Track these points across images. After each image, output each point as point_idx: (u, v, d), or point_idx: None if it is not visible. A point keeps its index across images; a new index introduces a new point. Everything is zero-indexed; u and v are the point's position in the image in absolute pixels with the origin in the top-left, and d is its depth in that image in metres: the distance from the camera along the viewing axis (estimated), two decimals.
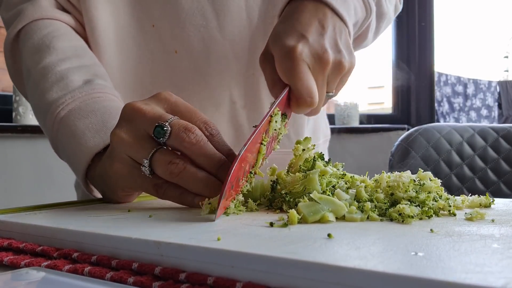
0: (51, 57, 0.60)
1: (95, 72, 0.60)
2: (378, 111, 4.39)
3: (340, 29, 0.53)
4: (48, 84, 0.58)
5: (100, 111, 0.55)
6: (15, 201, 1.63)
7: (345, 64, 0.51)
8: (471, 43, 8.66)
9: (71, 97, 0.56)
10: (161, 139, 0.44)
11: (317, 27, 0.51)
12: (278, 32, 0.51)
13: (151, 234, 0.31)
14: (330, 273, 0.23)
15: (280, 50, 0.49)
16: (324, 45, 0.50)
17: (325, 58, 0.49)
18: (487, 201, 0.46)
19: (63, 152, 0.56)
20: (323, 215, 0.37)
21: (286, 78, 0.48)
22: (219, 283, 0.26)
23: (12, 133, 1.65)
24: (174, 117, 0.45)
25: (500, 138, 1.43)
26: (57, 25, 0.64)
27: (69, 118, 0.55)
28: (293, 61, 0.48)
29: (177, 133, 0.44)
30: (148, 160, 0.45)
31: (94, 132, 0.52)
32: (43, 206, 0.49)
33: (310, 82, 0.48)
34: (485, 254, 0.26)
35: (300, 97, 0.48)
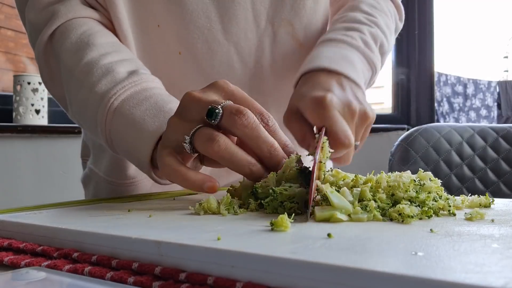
0: (93, 53, 0.60)
1: (136, 63, 0.61)
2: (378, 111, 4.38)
3: (357, 88, 0.59)
4: (95, 78, 0.58)
5: (152, 98, 0.56)
6: (15, 201, 1.63)
7: (369, 114, 0.56)
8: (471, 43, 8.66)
9: (121, 87, 0.56)
10: (213, 121, 0.46)
11: (336, 86, 0.56)
12: (303, 91, 0.55)
13: (151, 234, 0.31)
14: (330, 273, 0.23)
15: (310, 101, 0.52)
16: (349, 97, 0.55)
17: (353, 107, 0.54)
18: (487, 201, 0.46)
19: (121, 142, 0.56)
20: (333, 214, 0.37)
21: (321, 122, 0.51)
22: (219, 283, 0.26)
23: (12, 133, 1.65)
24: (228, 101, 0.47)
25: (500, 138, 1.43)
26: (90, 23, 0.65)
27: (123, 107, 0.55)
28: (325, 107, 0.51)
29: (229, 115, 0.45)
30: (190, 136, 0.46)
31: (153, 117, 0.53)
32: (43, 206, 0.49)
33: (345, 124, 0.52)
34: (484, 254, 0.26)
35: (337, 138, 0.50)
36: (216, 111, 0.46)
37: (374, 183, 0.43)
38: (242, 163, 0.45)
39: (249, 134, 0.45)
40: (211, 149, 0.45)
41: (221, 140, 0.45)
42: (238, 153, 0.45)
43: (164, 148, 0.48)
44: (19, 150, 1.68)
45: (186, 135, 0.46)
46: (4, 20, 2.16)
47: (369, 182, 0.44)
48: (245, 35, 0.69)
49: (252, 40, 0.70)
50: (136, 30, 0.67)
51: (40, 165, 1.70)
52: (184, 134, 0.46)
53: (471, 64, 7.78)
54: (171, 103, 0.55)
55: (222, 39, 0.68)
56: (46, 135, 1.70)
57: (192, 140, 0.46)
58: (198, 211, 0.42)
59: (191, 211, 0.43)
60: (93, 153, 0.79)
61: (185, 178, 0.46)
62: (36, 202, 0.51)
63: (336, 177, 0.46)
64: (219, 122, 0.46)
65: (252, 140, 0.45)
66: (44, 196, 1.67)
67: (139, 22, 0.67)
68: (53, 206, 0.49)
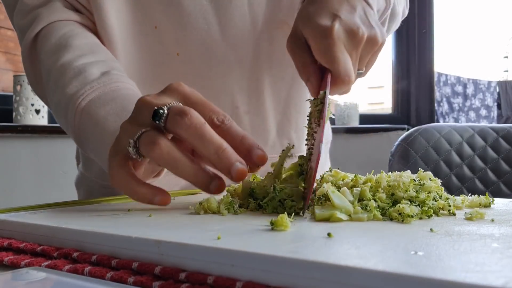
0: (69, 55, 0.61)
1: (111, 65, 0.61)
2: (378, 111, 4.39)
3: (368, 10, 0.54)
4: (67, 80, 0.58)
5: (119, 98, 0.55)
6: (15, 201, 1.63)
7: (378, 39, 0.52)
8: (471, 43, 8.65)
9: (90, 88, 0.56)
10: (157, 122, 0.43)
11: (347, 7, 0.52)
12: (308, 13, 0.51)
13: (151, 233, 0.31)
14: (330, 272, 0.23)
15: (315, 31, 0.49)
16: (357, 21, 0.50)
17: (360, 34, 0.50)
18: (487, 201, 0.46)
19: (87, 143, 0.56)
20: (333, 214, 0.37)
21: (324, 59, 0.48)
22: (219, 282, 0.26)
23: (12, 133, 1.65)
24: (176, 103, 0.44)
25: (500, 138, 1.43)
26: (72, 25, 0.65)
27: (90, 108, 0.55)
28: (330, 41, 0.47)
29: (173, 116, 0.43)
30: (134, 140, 0.43)
31: (115, 116, 0.53)
32: (43, 206, 0.49)
33: (348, 62, 0.48)
34: (484, 253, 0.26)
35: (338, 77, 0.47)
36: (160, 112, 0.43)
37: (374, 183, 0.43)
38: (186, 168, 0.42)
39: (192, 134, 0.42)
40: (153, 153, 0.42)
41: (163, 143, 0.42)
42: (181, 158, 0.42)
43: (114, 155, 0.46)
44: (19, 150, 1.68)
45: (131, 139, 0.43)
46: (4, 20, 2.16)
47: (369, 182, 0.44)
48: (242, 37, 0.69)
49: (249, 42, 0.70)
50: (133, 31, 0.67)
51: (40, 165, 1.70)
52: (130, 139, 0.44)
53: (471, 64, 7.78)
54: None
55: (219, 40, 0.68)
56: (46, 135, 1.70)
57: (137, 144, 0.43)
58: (198, 210, 0.42)
59: (191, 210, 0.43)
60: (82, 157, 0.79)
61: (133, 192, 0.43)
62: (36, 202, 0.51)
63: (335, 177, 0.46)
64: (165, 124, 0.43)
65: (196, 141, 0.42)
66: (44, 196, 1.67)
67: (136, 24, 0.67)
68: (53, 206, 0.49)
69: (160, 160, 0.42)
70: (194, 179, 0.43)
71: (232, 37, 0.68)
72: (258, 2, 0.68)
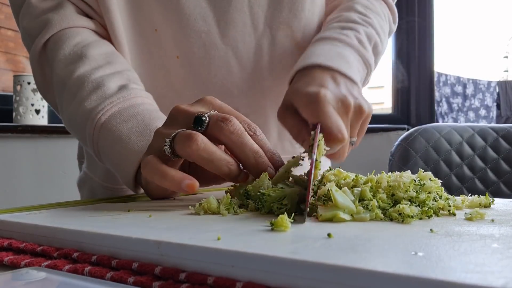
0: (85, 67, 0.61)
1: (128, 77, 0.61)
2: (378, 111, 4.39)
3: (351, 85, 0.58)
4: (86, 93, 0.58)
5: (140, 115, 0.56)
6: (15, 201, 1.63)
7: (364, 108, 0.56)
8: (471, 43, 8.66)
9: (109, 103, 0.57)
10: (200, 128, 0.46)
11: (331, 82, 0.56)
12: (298, 87, 0.55)
13: (151, 234, 0.31)
14: (330, 272, 0.23)
15: (304, 96, 0.52)
16: (343, 92, 0.55)
17: (347, 102, 0.53)
18: (487, 201, 0.46)
19: (107, 158, 0.56)
20: (337, 214, 0.37)
21: (315, 118, 0.51)
22: (219, 283, 0.26)
23: (12, 133, 1.65)
24: (214, 111, 0.48)
25: (500, 138, 1.43)
26: (84, 33, 0.65)
27: (110, 123, 0.55)
28: (319, 103, 0.51)
29: (215, 122, 0.46)
30: (170, 139, 0.46)
31: (139, 135, 0.54)
32: (43, 206, 0.49)
33: (338, 119, 0.51)
34: (484, 253, 0.26)
35: (331, 133, 0.50)
36: (202, 118, 0.46)
37: (375, 183, 0.43)
38: (220, 162, 0.45)
39: (234, 140, 0.46)
40: (190, 149, 0.44)
41: (200, 139, 0.44)
42: (216, 152, 0.45)
43: (148, 153, 0.49)
44: (19, 150, 1.68)
45: (167, 138, 0.46)
46: (4, 20, 2.16)
47: (370, 182, 0.44)
48: (243, 39, 0.69)
49: (250, 44, 0.70)
50: (133, 34, 0.67)
51: (40, 165, 1.70)
52: (166, 138, 0.46)
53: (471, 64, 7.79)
54: (158, 120, 0.55)
55: (219, 43, 0.68)
56: (46, 135, 1.70)
57: (172, 144, 0.46)
58: (198, 211, 0.42)
59: (191, 211, 0.43)
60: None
61: (163, 174, 0.45)
62: (36, 202, 0.51)
63: (337, 177, 0.46)
64: (206, 130, 0.46)
65: (237, 146, 0.46)
66: (44, 196, 1.67)
67: (136, 27, 0.67)
68: (53, 206, 0.49)
69: (195, 155, 0.45)
70: (228, 171, 0.46)
71: (232, 39, 0.68)
72: (258, 3, 0.68)
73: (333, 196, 0.38)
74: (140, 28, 0.67)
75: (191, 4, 0.66)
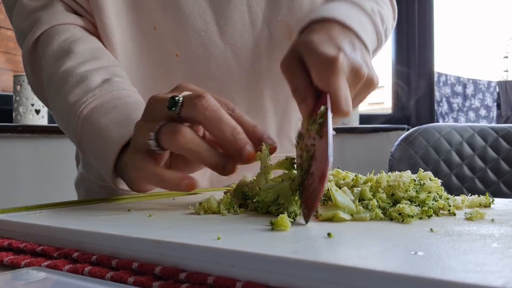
0: (71, 62, 0.61)
1: (113, 71, 0.61)
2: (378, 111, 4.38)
3: (366, 53, 0.55)
4: (69, 87, 0.58)
5: (121, 107, 0.56)
6: (15, 201, 1.63)
7: (375, 81, 0.53)
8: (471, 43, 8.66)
9: (92, 96, 0.57)
10: (174, 109, 0.45)
11: (349, 44, 0.52)
12: (312, 41, 0.50)
13: (151, 233, 0.31)
14: (330, 272, 0.23)
15: (319, 58, 0.48)
16: (359, 60, 0.51)
17: (361, 73, 0.50)
18: (487, 201, 0.46)
19: (89, 150, 0.56)
20: (337, 214, 0.37)
21: (326, 86, 0.48)
22: (219, 283, 0.26)
23: (12, 133, 1.65)
24: (189, 92, 0.47)
25: (500, 138, 1.43)
26: (73, 29, 0.65)
27: (92, 116, 0.55)
28: (334, 73, 0.47)
29: (189, 100, 0.45)
30: (154, 133, 0.45)
31: (118, 126, 0.53)
32: (43, 206, 0.49)
33: (348, 92, 0.48)
34: (484, 253, 0.26)
35: (338, 105, 0.47)
36: (176, 99, 0.45)
37: (374, 183, 0.43)
38: (207, 153, 0.45)
39: (209, 116, 0.44)
40: (177, 142, 0.44)
41: (187, 131, 0.44)
42: (203, 144, 0.45)
43: (136, 152, 0.48)
44: (19, 150, 1.68)
45: (151, 132, 0.46)
46: (4, 20, 2.16)
47: (369, 182, 0.44)
48: (242, 37, 0.69)
49: (248, 42, 0.70)
50: (132, 32, 0.67)
51: (40, 165, 1.70)
52: (149, 133, 0.46)
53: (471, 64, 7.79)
54: (139, 111, 0.54)
55: (218, 41, 0.68)
56: (46, 135, 1.70)
57: (157, 137, 0.46)
58: (198, 211, 0.42)
59: (191, 211, 0.43)
60: (82, 158, 0.79)
61: (162, 178, 0.45)
62: (36, 202, 0.51)
63: (336, 177, 0.46)
64: (180, 111, 0.45)
65: (213, 122, 0.44)
66: (44, 196, 1.67)
67: (135, 25, 0.67)
68: (53, 206, 0.49)
69: (183, 147, 0.44)
70: (214, 162, 0.45)
71: (231, 38, 0.68)
72: (257, 2, 0.68)
73: (333, 195, 0.38)
74: (140, 26, 0.67)
75: (190, 3, 0.66)
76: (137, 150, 0.48)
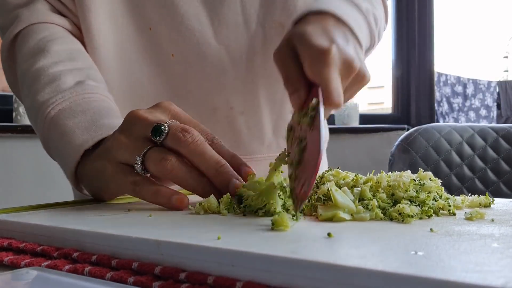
0: (45, 60, 0.60)
1: (87, 74, 0.61)
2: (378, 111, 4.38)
3: (358, 48, 0.55)
4: (40, 86, 0.58)
5: (90, 111, 0.55)
6: (15, 201, 1.63)
7: (366, 77, 0.52)
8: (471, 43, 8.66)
9: (61, 97, 0.56)
10: (158, 138, 0.46)
11: (342, 38, 0.51)
12: (305, 32, 0.50)
13: (151, 233, 0.31)
14: (330, 272, 0.23)
15: (312, 49, 0.48)
16: (352, 53, 0.50)
17: (353, 66, 0.50)
18: (487, 201, 0.46)
19: (54, 151, 0.56)
20: (336, 213, 0.37)
21: (318, 77, 0.47)
22: (220, 282, 0.26)
23: (12, 133, 1.65)
24: (174, 121, 0.47)
25: (500, 138, 1.43)
26: (53, 29, 0.64)
27: (59, 118, 0.55)
28: (326, 63, 0.47)
29: (174, 132, 0.46)
30: (141, 158, 0.46)
31: (83, 130, 0.53)
32: (43, 206, 0.49)
33: (340, 85, 0.47)
34: (484, 253, 0.26)
35: (330, 98, 0.46)
36: (161, 128, 0.46)
37: (374, 183, 0.43)
38: (195, 181, 0.46)
39: (194, 151, 0.45)
40: (164, 169, 0.45)
41: (174, 159, 0.45)
42: (190, 172, 0.46)
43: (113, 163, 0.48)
44: (19, 150, 1.68)
45: (137, 155, 0.46)
46: None
47: (369, 182, 0.44)
48: (236, 38, 0.69)
49: (243, 43, 0.70)
50: (128, 33, 0.67)
51: (40, 165, 1.70)
52: (135, 155, 0.46)
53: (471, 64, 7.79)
54: (108, 117, 0.54)
55: (213, 41, 0.68)
56: None
57: (143, 160, 0.46)
58: (198, 211, 0.42)
59: (191, 211, 0.43)
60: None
61: (156, 192, 0.46)
62: (36, 202, 0.51)
63: (336, 177, 0.46)
64: (164, 140, 0.46)
65: (197, 157, 0.46)
66: (44, 196, 1.67)
67: (132, 25, 0.67)
68: (53, 206, 0.49)
69: (171, 174, 0.45)
70: (202, 191, 0.46)
71: (225, 38, 0.68)
72: (251, 2, 0.68)
73: (333, 195, 0.38)
74: (135, 26, 0.67)
75: (185, 3, 0.66)
76: (107, 161, 0.48)
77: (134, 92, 0.70)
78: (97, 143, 0.51)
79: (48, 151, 0.59)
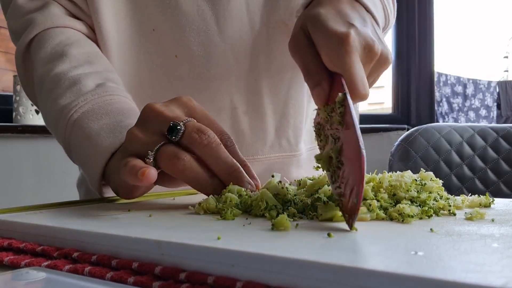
0: (64, 65, 0.60)
1: (107, 76, 0.61)
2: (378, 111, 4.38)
3: (376, 26, 0.51)
4: (61, 90, 0.58)
5: (113, 113, 0.55)
6: (15, 201, 1.63)
7: (389, 59, 0.48)
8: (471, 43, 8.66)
9: (83, 100, 0.56)
10: (174, 137, 0.45)
11: (359, 18, 0.47)
12: (320, 16, 0.45)
13: (151, 233, 0.31)
14: (330, 272, 0.23)
15: (328, 36, 0.43)
16: (371, 35, 0.45)
17: (375, 50, 0.45)
18: (487, 201, 0.46)
19: (77, 155, 0.56)
20: (336, 214, 0.37)
21: (338, 68, 0.43)
22: (220, 282, 0.26)
23: (12, 133, 1.65)
24: (190, 119, 0.47)
25: (500, 138, 1.43)
26: (69, 33, 0.64)
27: (82, 121, 0.54)
28: (346, 51, 0.42)
29: (190, 133, 0.45)
30: (154, 153, 0.45)
31: (109, 132, 0.52)
32: (43, 206, 0.49)
33: (363, 72, 0.43)
34: (485, 253, 0.26)
35: (355, 88, 0.42)
36: (177, 128, 0.45)
37: (376, 183, 0.43)
38: (206, 183, 0.45)
39: (209, 153, 0.45)
40: (176, 168, 0.44)
41: (186, 159, 0.44)
42: (202, 173, 0.45)
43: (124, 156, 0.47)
44: (19, 150, 1.68)
45: (150, 150, 0.45)
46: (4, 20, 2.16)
47: (372, 181, 0.44)
48: (240, 37, 0.69)
49: (247, 42, 0.70)
50: (131, 34, 0.67)
51: (40, 165, 1.70)
52: (147, 150, 0.46)
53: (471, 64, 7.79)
54: (130, 118, 0.54)
55: (218, 40, 0.68)
56: (46, 135, 1.70)
57: (155, 156, 0.45)
58: (198, 211, 0.42)
59: (191, 211, 0.43)
60: None
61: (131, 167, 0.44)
62: (36, 202, 0.51)
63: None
64: (180, 139, 0.45)
65: (212, 159, 0.45)
66: (44, 196, 1.67)
67: (135, 26, 0.67)
68: (53, 206, 0.49)
69: (182, 173, 0.45)
70: (212, 192, 0.45)
71: (230, 38, 0.68)
72: (255, 2, 0.68)
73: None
74: (139, 28, 0.67)
75: (189, 3, 0.66)
76: (123, 155, 0.48)
77: (136, 94, 0.70)
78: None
79: (69, 154, 0.58)
